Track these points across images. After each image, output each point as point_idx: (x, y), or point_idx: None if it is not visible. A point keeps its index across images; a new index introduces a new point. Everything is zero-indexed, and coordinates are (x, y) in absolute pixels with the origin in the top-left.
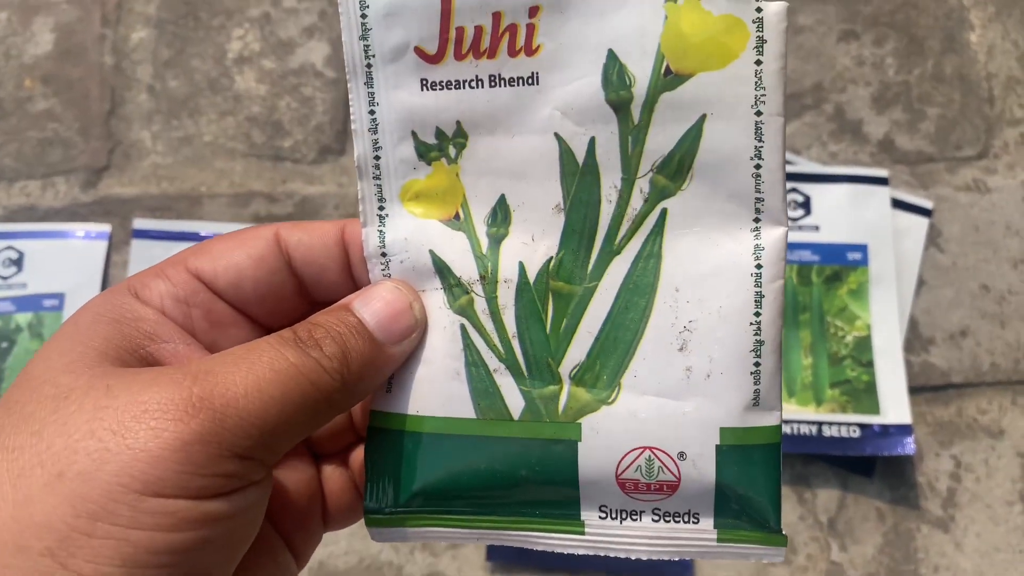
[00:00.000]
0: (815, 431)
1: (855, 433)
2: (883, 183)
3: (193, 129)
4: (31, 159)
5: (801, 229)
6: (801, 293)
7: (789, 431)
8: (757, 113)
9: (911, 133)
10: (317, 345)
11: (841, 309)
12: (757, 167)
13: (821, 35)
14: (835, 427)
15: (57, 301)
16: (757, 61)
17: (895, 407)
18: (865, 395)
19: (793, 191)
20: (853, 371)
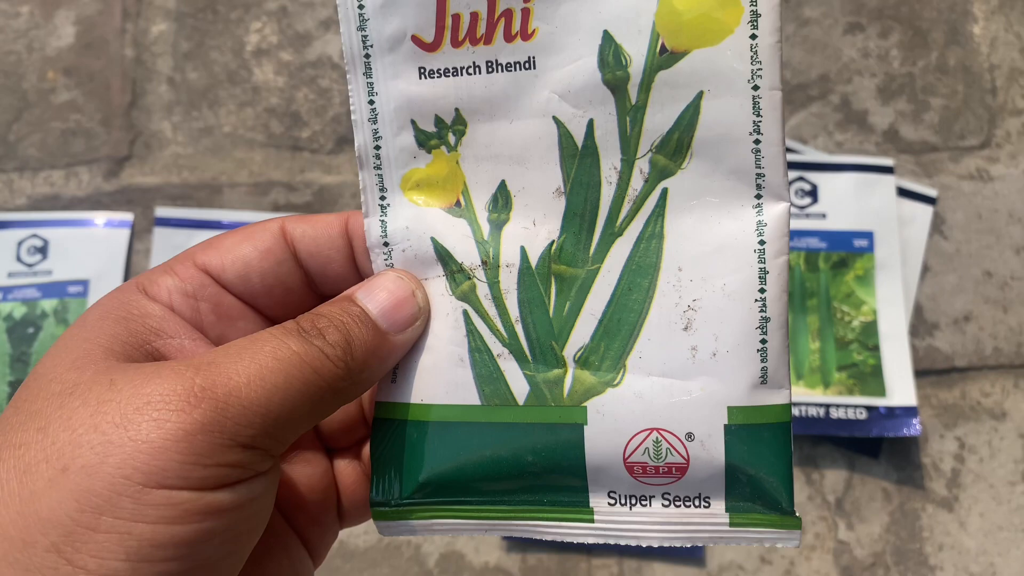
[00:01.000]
0: (823, 413)
1: (862, 415)
2: (889, 172)
3: (213, 120)
4: (54, 149)
5: (808, 217)
6: (809, 279)
7: (797, 413)
8: (754, 88)
9: (915, 123)
10: (320, 334)
11: (848, 295)
12: (756, 142)
13: (827, 27)
14: (842, 409)
15: (82, 287)
16: (752, 36)
17: (901, 389)
18: (871, 378)
19: (800, 180)
20: (860, 355)
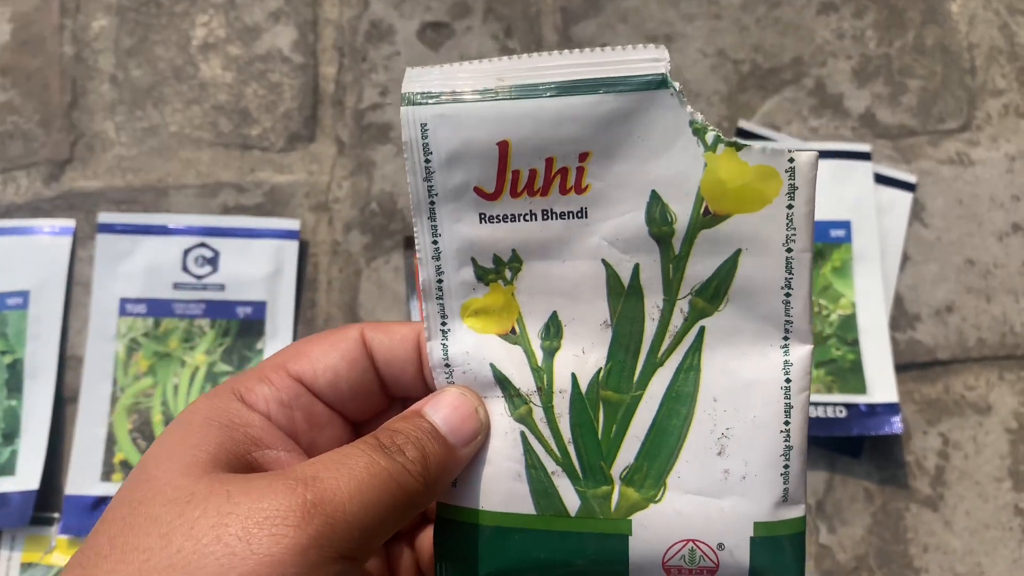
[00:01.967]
0: None
1: (841, 413)
2: (866, 158)
3: (158, 119)
4: None
5: None
6: None
7: None
8: (788, 250)
9: (893, 106)
10: (401, 450)
11: (825, 288)
12: (787, 294)
13: (799, 8)
14: (821, 407)
15: (21, 299)
16: (789, 205)
17: (882, 386)
18: (851, 374)
19: None
20: (838, 350)
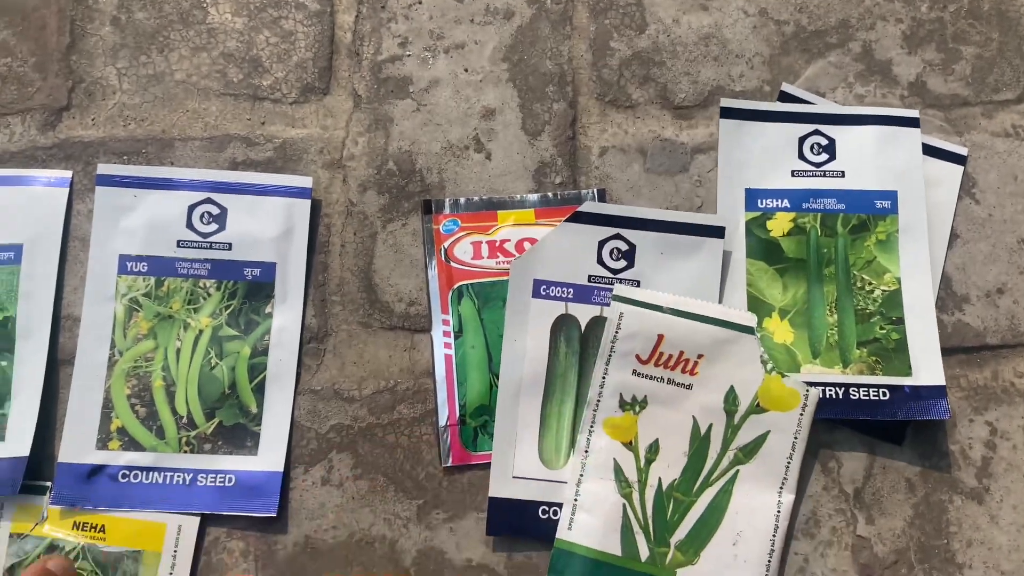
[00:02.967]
0: (841, 394)
1: (884, 396)
2: (913, 124)
3: (163, 66)
4: None
5: (825, 175)
6: (825, 244)
7: None
8: (795, 436)
9: (945, 75)
10: None
11: (868, 261)
12: (789, 457)
13: None
14: (863, 389)
15: (13, 254)
16: (801, 412)
17: (927, 367)
18: (895, 355)
19: (816, 133)
20: (882, 329)
